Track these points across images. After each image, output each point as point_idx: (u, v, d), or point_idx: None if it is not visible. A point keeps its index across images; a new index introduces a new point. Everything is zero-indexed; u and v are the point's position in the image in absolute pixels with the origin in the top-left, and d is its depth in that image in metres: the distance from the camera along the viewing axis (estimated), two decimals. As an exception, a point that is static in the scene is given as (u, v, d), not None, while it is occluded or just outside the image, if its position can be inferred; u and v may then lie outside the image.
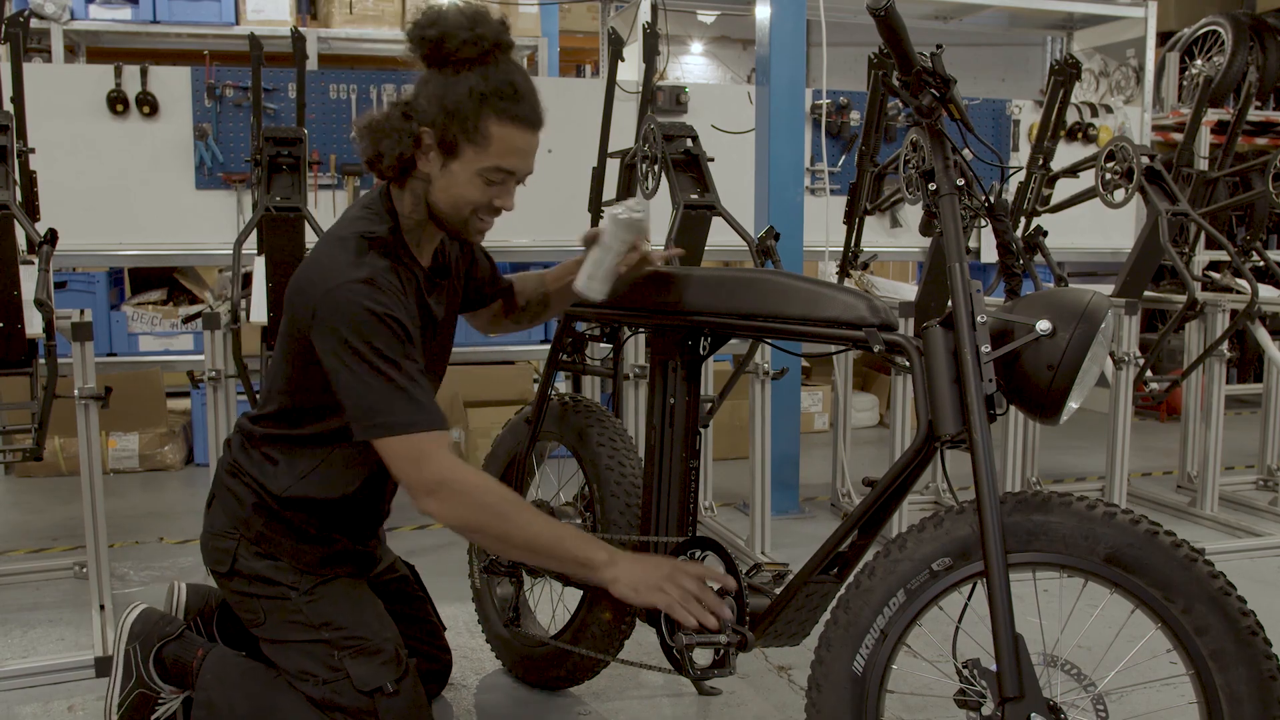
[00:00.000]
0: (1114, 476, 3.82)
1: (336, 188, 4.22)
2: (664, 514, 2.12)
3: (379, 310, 1.79)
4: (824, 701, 1.70)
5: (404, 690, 1.96)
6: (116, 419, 4.63)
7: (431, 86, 1.83)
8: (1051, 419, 1.64)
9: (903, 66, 1.62)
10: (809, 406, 5.68)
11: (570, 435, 2.38)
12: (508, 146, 1.84)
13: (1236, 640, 1.47)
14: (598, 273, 2.03)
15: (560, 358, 2.43)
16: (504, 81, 1.82)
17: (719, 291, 1.97)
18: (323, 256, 1.87)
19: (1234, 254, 3.81)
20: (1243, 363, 6.58)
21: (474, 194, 1.87)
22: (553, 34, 6.91)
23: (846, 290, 1.82)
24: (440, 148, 1.84)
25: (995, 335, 1.61)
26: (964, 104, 1.68)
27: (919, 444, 1.66)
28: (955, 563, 1.63)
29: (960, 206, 1.67)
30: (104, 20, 5.68)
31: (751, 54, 11.47)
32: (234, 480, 2.05)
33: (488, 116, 1.81)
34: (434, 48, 1.81)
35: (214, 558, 2.07)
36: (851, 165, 4.15)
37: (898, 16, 1.58)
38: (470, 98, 1.80)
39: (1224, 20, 6.09)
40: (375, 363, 1.77)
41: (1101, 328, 1.60)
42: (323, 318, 1.80)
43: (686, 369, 2.11)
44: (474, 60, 1.81)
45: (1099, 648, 1.84)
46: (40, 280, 2.52)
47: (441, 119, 1.82)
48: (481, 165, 1.84)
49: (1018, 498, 1.61)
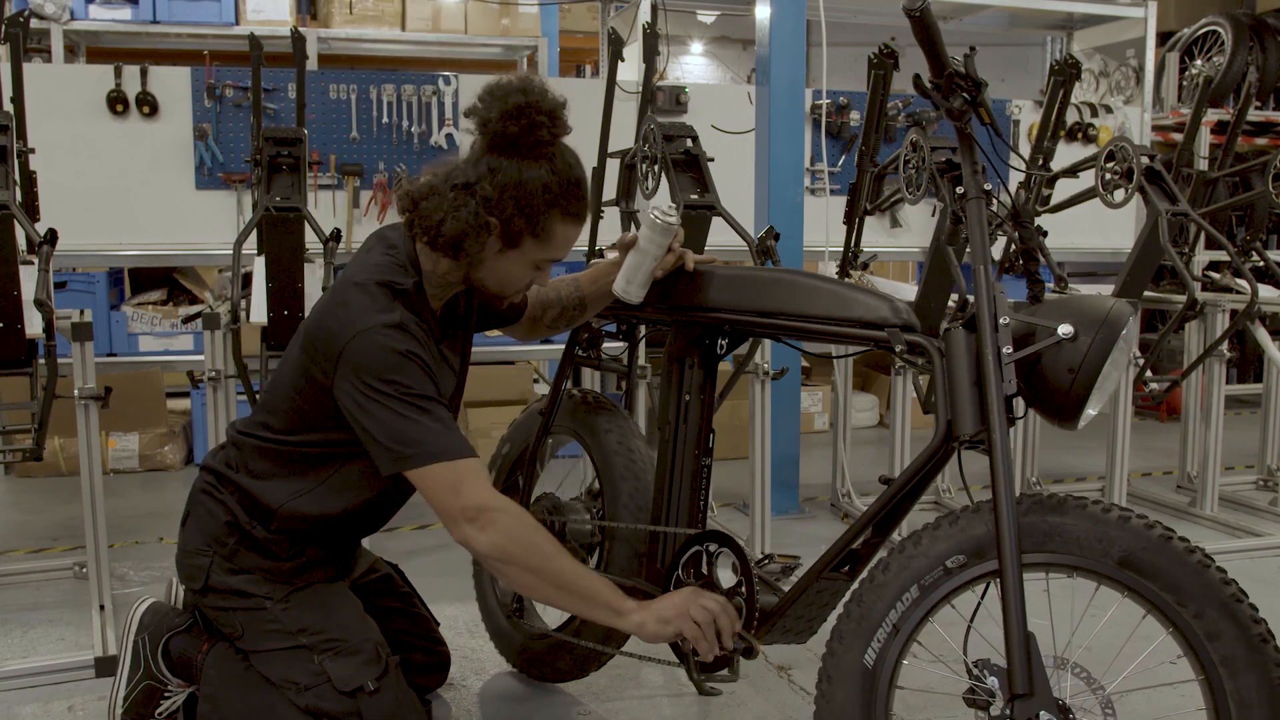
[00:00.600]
0: (1114, 476, 3.82)
1: (336, 188, 4.22)
2: (675, 507, 2.14)
3: (408, 351, 1.80)
4: (834, 693, 1.70)
5: (386, 688, 1.96)
6: (116, 419, 4.63)
7: (501, 176, 1.83)
8: (1070, 423, 1.65)
9: (935, 68, 1.62)
10: (809, 406, 5.68)
11: (582, 429, 2.41)
12: (565, 241, 1.91)
13: (1248, 647, 1.47)
14: (636, 277, 2.08)
15: (576, 353, 2.46)
16: (572, 180, 1.87)
17: (742, 289, 1.98)
18: (349, 301, 1.86)
19: (1234, 254, 3.81)
20: (1243, 363, 6.58)
21: (522, 278, 1.94)
22: (553, 34, 6.91)
23: (868, 291, 1.83)
24: (503, 238, 1.87)
25: (1016, 339, 1.63)
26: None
27: (937, 444, 1.66)
28: (969, 560, 1.64)
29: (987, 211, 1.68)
30: (104, 20, 5.69)
31: (751, 54, 11.47)
32: (208, 498, 2.06)
33: (554, 215, 1.86)
34: (511, 139, 1.82)
35: (188, 574, 2.08)
36: (851, 165, 4.15)
37: (933, 17, 1.58)
38: (543, 197, 1.83)
39: (1224, 20, 6.09)
40: (409, 398, 1.79)
41: (1123, 334, 1.61)
42: (350, 360, 1.80)
43: (703, 367, 2.13)
44: (545, 155, 1.84)
45: (1106, 651, 1.85)
46: (40, 280, 2.52)
47: (511, 212, 1.84)
48: (539, 257, 1.91)
49: (1034, 499, 1.62)
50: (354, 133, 4.21)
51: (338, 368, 1.82)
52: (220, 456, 2.10)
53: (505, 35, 6.69)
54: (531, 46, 6.77)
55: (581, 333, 2.43)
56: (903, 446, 3.91)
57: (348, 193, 4.23)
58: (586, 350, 2.49)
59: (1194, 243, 4.36)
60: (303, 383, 1.93)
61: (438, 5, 6.45)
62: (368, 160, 4.24)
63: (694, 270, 2.08)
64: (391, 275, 1.89)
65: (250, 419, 2.10)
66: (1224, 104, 5.88)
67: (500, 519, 1.79)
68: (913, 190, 3.43)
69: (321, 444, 1.98)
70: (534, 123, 1.81)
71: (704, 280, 2.06)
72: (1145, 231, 3.59)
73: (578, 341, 2.45)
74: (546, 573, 1.80)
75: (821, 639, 1.81)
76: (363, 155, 4.24)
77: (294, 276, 2.94)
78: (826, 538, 3.83)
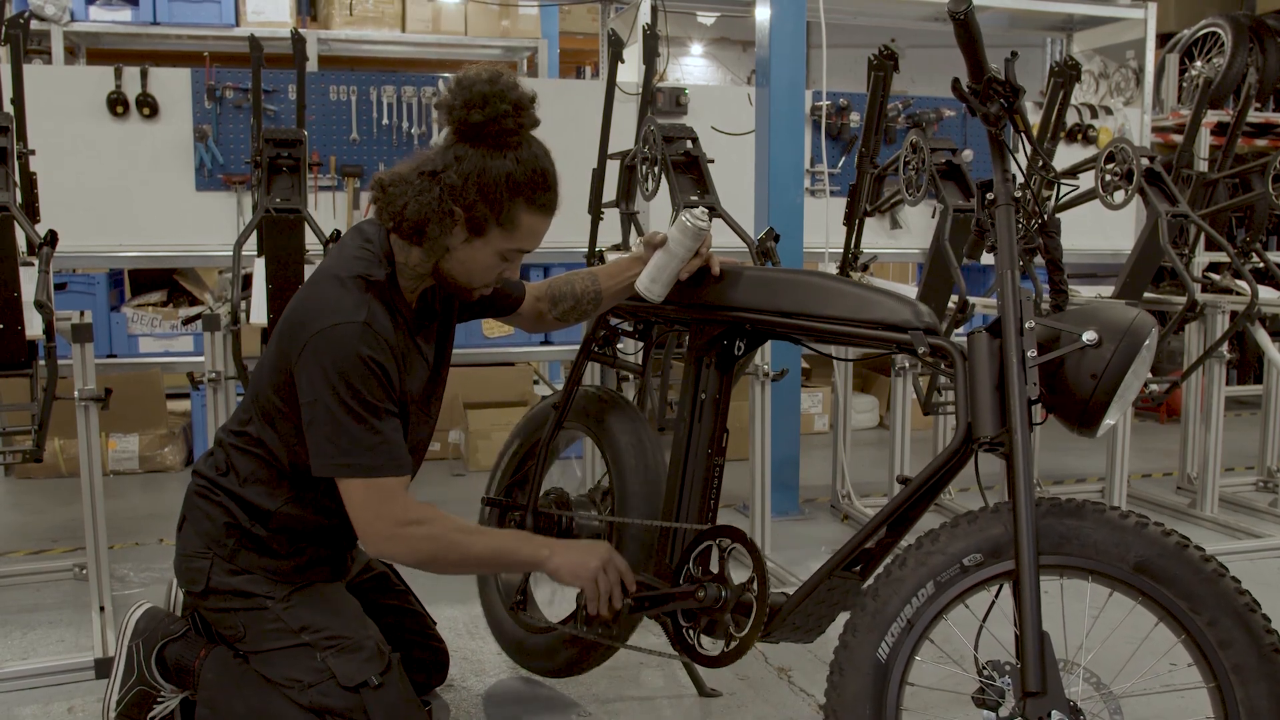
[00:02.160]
0: (1114, 478, 3.82)
1: (336, 189, 4.22)
2: (687, 504, 2.16)
3: (367, 355, 1.83)
4: (846, 685, 1.71)
5: (389, 683, 1.98)
6: (116, 420, 4.64)
7: (466, 164, 1.85)
8: (1090, 430, 1.66)
9: (974, 73, 1.64)
10: (809, 408, 5.68)
11: (594, 424, 2.43)
12: (531, 231, 1.91)
13: (1259, 656, 1.49)
14: (660, 276, 2.11)
15: (593, 350, 2.48)
16: (537, 170, 1.87)
17: (764, 290, 2.00)
18: (322, 294, 1.89)
19: (1234, 255, 3.81)
20: (1242, 364, 6.57)
21: (490, 268, 1.94)
22: (553, 35, 6.91)
23: (890, 293, 1.84)
24: (468, 226, 1.88)
25: (1039, 345, 1.64)
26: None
27: (956, 445, 1.68)
28: (986, 559, 1.65)
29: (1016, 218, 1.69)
30: (104, 22, 5.69)
31: (751, 55, 11.47)
32: (204, 501, 2.07)
33: (519, 204, 1.87)
34: (475, 128, 1.84)
35: (188, 578, 2.08)
36: (851, 167, 4.15)
37: (976, 21, 1.58)
38: (506, 185, 1.85)
39: (1223, 22, 6.09)
40: (353, 406, 1.82)
41: (1146, 344, 1.62)
42: (312, 352, 1.83)
43: (720, 368, 2.15)
44: (511, 145, 1.86)
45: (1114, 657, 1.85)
46: (40, 282, 2.52)
47: (474, 199, 1.85)
48: (504, 247, 1.91)
49: (1052, 502, 1.64)
50: (354, 134, 4.21)
51: (300, 356, 1.85)
52: (210, 462, 2.10)
53: (505, 36, 6.70)
54: (531, 48, 6.77)
55: (598, 330, 2.45)
56: (903, 448, 3.91)
57: (348, 194, 4.23)
58: (602, 347, 2.51)
59: (1194, 244, 4.36)
60: (280, 379, 1.94)
61: (438, 6, 6.46)
62: (368, 161, 4.24)
63: (719, 269, 2.11)
64: (365, 268, 1.90)
65: (234, 422, 2.10)
66: (1224, 105, 5.88)
67: (411, 532, 1.89)
68: (912, 192, 3.43)
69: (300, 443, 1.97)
70: (499, 112, 1.82)
71: (726, 280, 2.09)
72: (1145, 233, 3.59)
73: (594, 338, 2.47)
74: (468, 561, 1.96)
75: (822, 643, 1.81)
76: (363, 156, 4.24)
77: (294, 278, 2.94)
78: (827, 539, 3.84)
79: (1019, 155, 1.84)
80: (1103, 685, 1.62)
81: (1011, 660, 1.59)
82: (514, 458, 2.63)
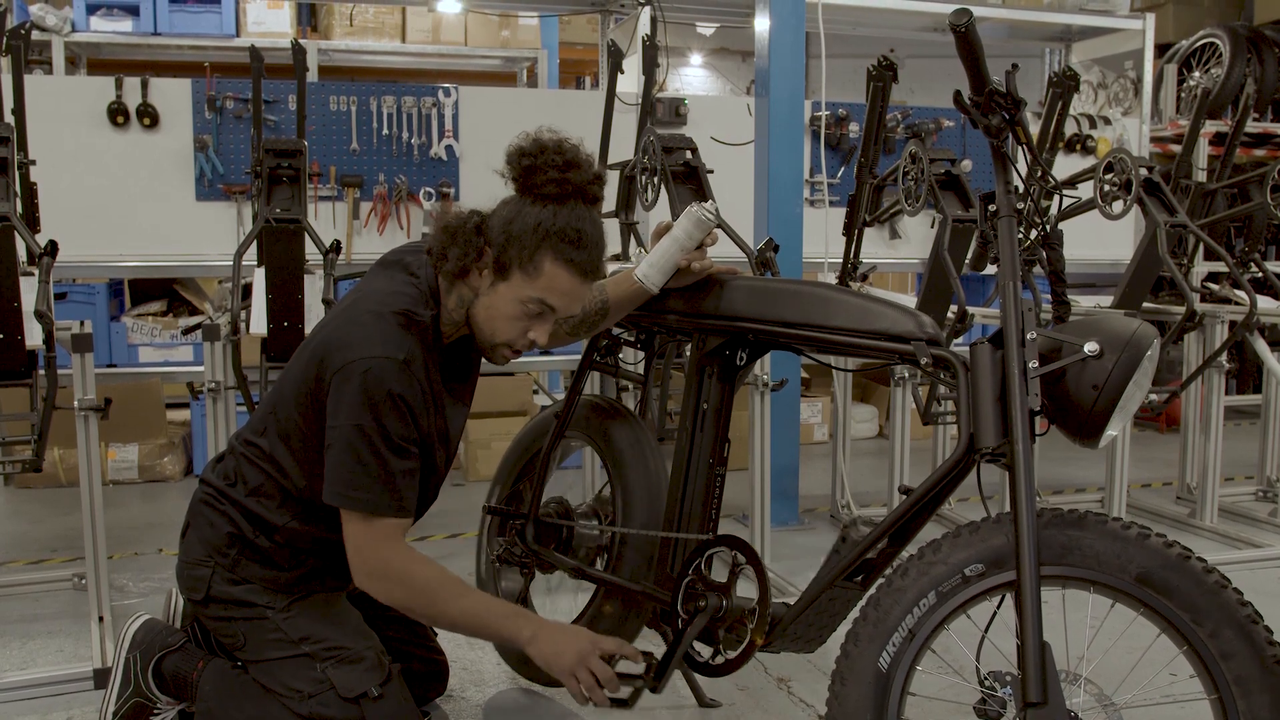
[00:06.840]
0: (1113, 487, 3.82)
1: (336, 199, 4.22)
2: (688, 514, 2.16)
3: (398, 393, 1.86)
4: (847, 694, 1.71)
5: (389, 694, 1.98)
6: (116, 430, 4.63)
7: (507, 209, 1.91)
8: (1091, 441, 1.66)
9: (975, 85, 1.64)
10: (808, 418, 5.68)
11: (596, 433, 2.43)
12: (555, 285, 1.91)
13: (1261, 667, 1.49)
14: (660, 263, 2.12)
15: (594, 359, 2.48)
16: (571, 226, 1.89)
17: (768, 300, 2.00)
18: (364, 323, 1.90)
19: (1232, 265, 3.81)
20: (1242, 374, 6.58)
21: (512, 319, 1.94)
22: (553, 46, 6.93)
23: (894, 304, 1.84)
24: (494, 267, 1.91)
25: (1041, 356, 1.64)
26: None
27: (958, 456, 1.68)
28: (988, 570, 1.65)
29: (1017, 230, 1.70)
30: (105, 32, 5.70)
31: (751, 66, 11.49)
32: (209, 509, 2.07)
33: (545, 252, 1.88)
34: (524, 174, 1.90)
35: (189, 585, 2.08)
36: (850, 177, 4.16)
37: (977, 34, 1.59)
38: (535, 231, 1.88)
39: (1222, 32, 6.11)
40: (374, 439, 1.85)
41: (1147, 355, 1.62)
42: (346, 379, 1.85)
43: (723, 378, 2.15)
44: (552, 198, 1.89)
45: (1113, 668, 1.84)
46: (40, 292, 2.52)
47: (503, 241, 1.89)
48: (526, 294, 1.91)
49: (1054, 513, 1.64)
50: (354, 144, 4.22)
51: (332, 380, 1.87)
52: (219, 469, 2.11)
53: (505, 47, 6.71)
54: (531, 58, 6.79)
55: (601, 339, 2.46)
56: (902, 458, 3.91)
57: (348, 204, 4.23)
58: (604, 356, 2.52)
59: (1192, 254, 4.36)
60: (306, 398, 1.94)
61: (438, 17, 6.48)
62: (368, 171, 4.25)
63: (719, 279, 2.12)
64: (411, 304, 1.93)
65: (248, 430, 2.10)
66: (1222, 115, 5.90)
67: (401, 579, 1.91)
68: (911, 202, 3.44)
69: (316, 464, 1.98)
70: (539, 164, 1.87)
71: (729, 289, 2.09)
72: (1144, 243, 3.60)
73: (596, 348, 2.47)
74: (439, 620, 1.96)
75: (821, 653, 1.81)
76: (363, 167, 4.25)
77: (294, 288, 2.95)
78: (826, 549, 3.82)
79: (1019, 166, 1.84)
80: (1104, 696, 1.61)
81: (1013, 671, 1.59)
82: (516, 466, 2.63)
